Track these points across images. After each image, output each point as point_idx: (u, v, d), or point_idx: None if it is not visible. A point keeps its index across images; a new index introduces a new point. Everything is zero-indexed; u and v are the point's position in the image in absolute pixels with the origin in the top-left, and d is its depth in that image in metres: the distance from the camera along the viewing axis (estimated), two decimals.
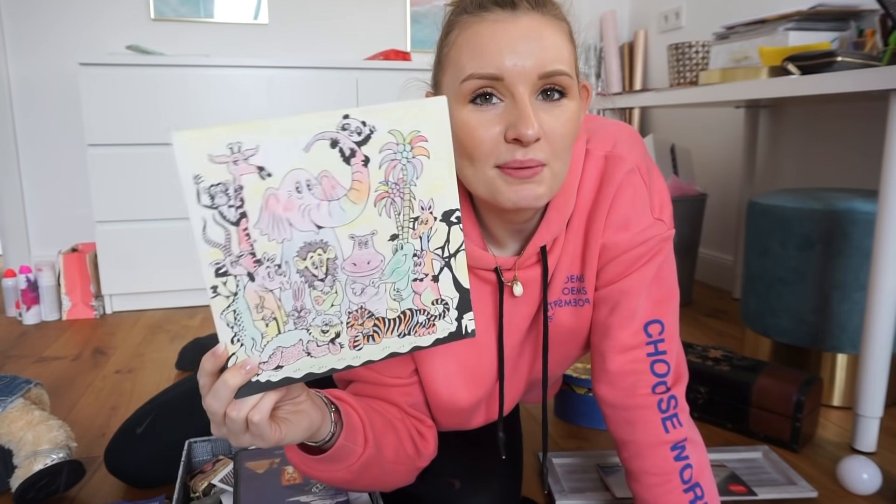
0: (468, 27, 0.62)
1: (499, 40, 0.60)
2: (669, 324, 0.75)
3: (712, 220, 2.38)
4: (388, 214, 0.51)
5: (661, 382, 0.74)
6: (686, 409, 0.76)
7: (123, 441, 1.00)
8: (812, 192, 1.43)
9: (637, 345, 0.74)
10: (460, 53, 0.62)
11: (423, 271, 0.53)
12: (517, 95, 0.60)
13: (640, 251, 0.72)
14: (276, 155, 0.46)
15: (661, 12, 2.61)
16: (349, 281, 0.51)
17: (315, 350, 0.52)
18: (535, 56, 0.59)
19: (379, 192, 0.50)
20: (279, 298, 0.50)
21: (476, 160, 0.62)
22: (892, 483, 1.04)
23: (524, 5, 0.61)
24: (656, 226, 0.72)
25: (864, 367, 1.11)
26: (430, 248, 0.53)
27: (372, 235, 0.51)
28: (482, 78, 0.60)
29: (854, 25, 1.53)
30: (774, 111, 2.05)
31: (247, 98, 2.04)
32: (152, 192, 2.01)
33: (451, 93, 0.63)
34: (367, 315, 0.52)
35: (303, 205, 0.48)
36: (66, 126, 2.40)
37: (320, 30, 2.58)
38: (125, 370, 1.56)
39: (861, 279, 1.28)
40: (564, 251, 0.75)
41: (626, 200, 0.71)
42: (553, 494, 0.96)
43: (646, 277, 0.73)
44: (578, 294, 0.77)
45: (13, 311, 2.02)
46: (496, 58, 0.59)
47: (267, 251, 0.48)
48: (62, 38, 2.35)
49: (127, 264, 2.03)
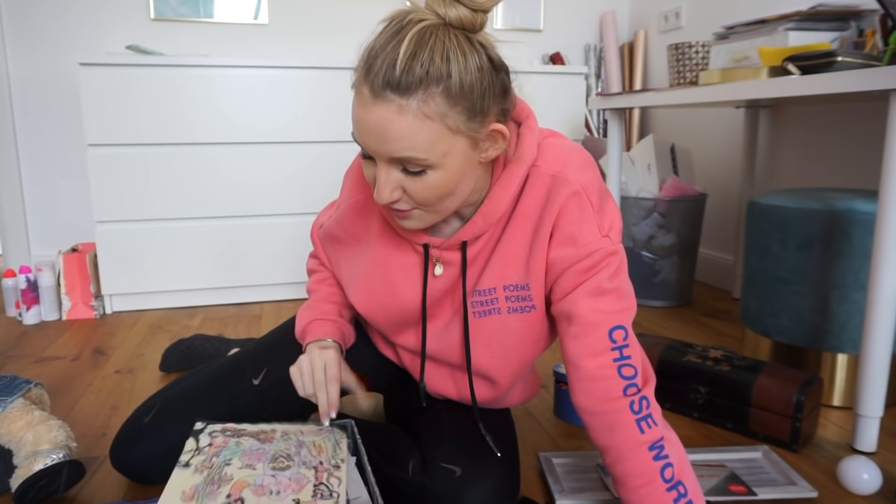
0: (355, 92, 0.70)
1: (359, 122, 0.69)
2: (630, 330, 0.79)
3: (712, 220, 2.39)
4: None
5: (632, 384, 0.78)
6: (658, 409, 0.79)
7: (129, 436, 1.00)
8: (812, 192, 1.43)
9: (603, 350, 0.78)
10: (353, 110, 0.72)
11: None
12: (378, 165, 0.72)
13: (586, 263, 0.78)
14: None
15: (661, 12, 2.61)
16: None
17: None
18: (382, 145, 0.68)
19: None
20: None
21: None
22: (892, 483, 1.04)
23: (382, 88, 0.66)
24: (601, 241, 0.78)
25: (864, 367, 1.11)
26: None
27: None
28: (360, 144, 0.72)
29: (854, 25, 1.53)
30: (774, 111, 2.05)
31: (247, 98, 2.04)
32: (152, 192, 2.01)
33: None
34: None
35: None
36: (66, 126, 2.40)
37: (320, 30, 2.58)
38: (125, 370, 1.56)
39: (861, 279, 1.28)
40: (500, 255, 0.83)
41: (571, 219, 0.78)
42: (553, 494, 0.96)
43: (598, 287, 0.78)
44: (523, 301, 0.84)
45: (13, 311, 2.02)
46: (358, 135, 0.71)
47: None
48: (62, 38, 2.35)
49: (127, 264, 2.03)
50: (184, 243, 2.07)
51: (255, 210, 2.12)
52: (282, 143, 2.10)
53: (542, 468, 1.04)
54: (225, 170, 2.06)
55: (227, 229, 2.10)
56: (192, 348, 1.53)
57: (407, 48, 0.65)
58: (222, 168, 2.06)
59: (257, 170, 2.09)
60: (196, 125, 2.01)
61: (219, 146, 2.05)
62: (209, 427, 0.93)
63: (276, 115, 2.07)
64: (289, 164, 2.12)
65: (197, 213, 2.06)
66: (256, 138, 2.07)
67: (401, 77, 0.65)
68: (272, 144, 2.10)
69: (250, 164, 2.08)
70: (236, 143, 2.07)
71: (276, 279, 2.18)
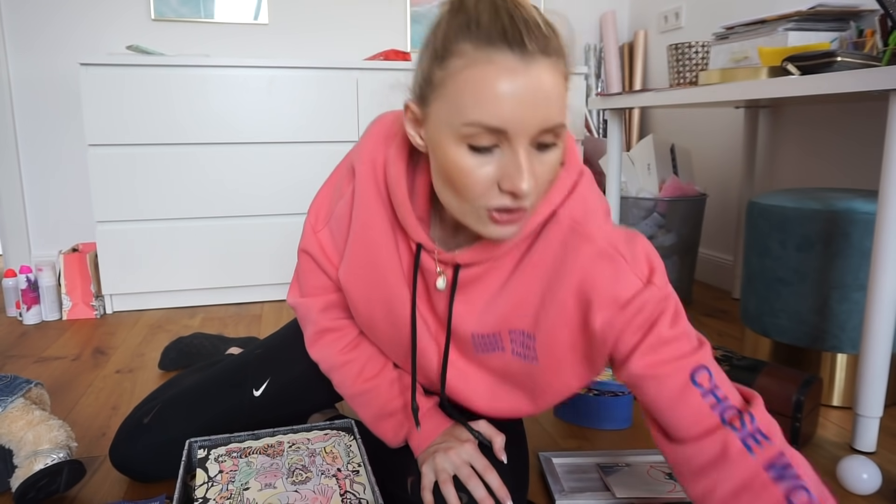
0: (474, 67, 0.59)
1: (509, 94, 0.58)
2: (714, 368, 0.70)
3: (712, 220, 2.39)
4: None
5: (728, 408, 0.69)
6: (773, 425, 0.68)
7: (129, 436, 1.00)
8: (812, 192, 1.43)
9: (695, 405, 0.68)
10: (462, 93, 0.60)
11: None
12: (517, 148, 0.60)
13: (639, 320, 0.69)
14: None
15: (661, 12, 2.61)
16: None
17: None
18: (541, 112, 0.59)
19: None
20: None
21: (464, 199, 0.64)
22: (892, 483, 1.04)
23: (534, 48, 0.58)
24: (648, 290, 0.69)
25: (864, 367, 1.11)
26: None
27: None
28: (485, 129, 0.59)
29: (854, 25, 1.53)
30: (774, 111, 2.05)
31: (247, 98, 2.04)
32: (152, 192, 2.01)
33: (444, 125, 0.63)
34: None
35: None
36: (66, 126, 2.40)
37: (320, 30, 2.58)
38: (125, 370, 1.56)
39: (861, 279, 1.28)
40: (507, 299, 0.76)
41: (606, 280, 0.70)
42: (553, 494, 0.96)
43: (660, 340, 0.69)
44: (526, 350, 0.77)
45: (13, 311, 2.02)
46: (503, 112, 0.58)
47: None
48: (62, 39, 2.35)
49: (127, 264, 2.03)
50: (184, 243, 2.07)
51: (255, 210, 2.12)
52: (282, 143, 2.10)
53: (542, 468, 1.04)
54: (225, 170, 2.07)
55: (228, 229, 2.10)
56: (192, 346, 1.54)
57: (531, 10, 0.60)
58: (223, 168, 2.06)
59: (257, 170, 2.09)
60: (196, 125, 2.01)
61: (219, 146, 2.05)
62: (213, 452, 0.92)
63: (276, 115, 2.07)
64: (289, 164, 2.12)
65: (197, 212, 2.06)
66: (256, 138, 2.07)
67: (547, 36, 0.59)
68: (272, 144, 2.10)
69: (250, 164, 2.09)
70: (236, 143, 2.07)
71: (276, 279, 2.18)
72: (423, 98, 0.66)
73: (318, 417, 1.15)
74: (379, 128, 0.81)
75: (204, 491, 0.82)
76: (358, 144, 0.83)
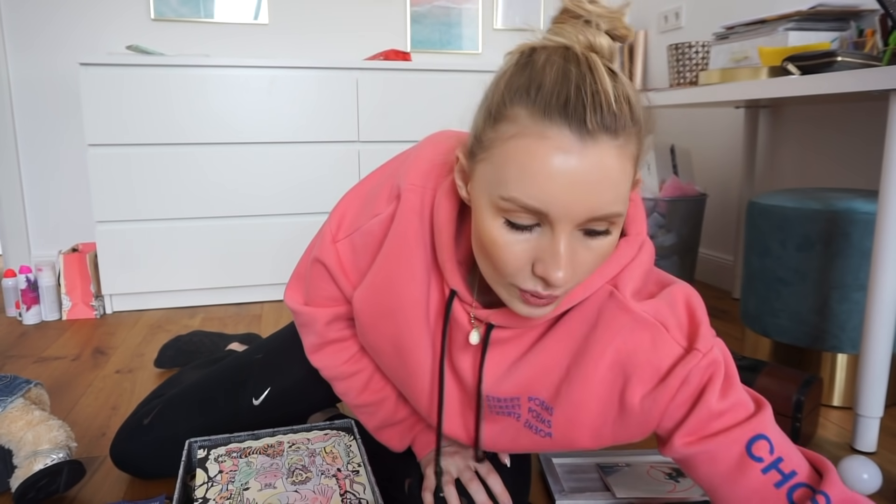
0: (524, 138, 0.53)
1: (554, 175, 0.52)
2: (774, 434, 0.63)
3: (712, 220, 2.38)
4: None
5: (796, 486, 0.62)
6: (851, 498, 0.61)
7: (129, 436, 1.00)
8: (812, 192, 1.43)
9: (755, 480, 0.62)
10: (507, 164, 0.54)
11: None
12: (558, 234, 0.54)
13: (686, 393, 0.63)
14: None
15: (661, 12, 2.61)
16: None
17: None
18: (592, 199, 0.53)
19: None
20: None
21: (497, 272, 0.60)
22: (892, 483, 1.04)
23: (595, 127, 0.52)
24: (691, 357, 0.62)
25: (864, 367, 1.11)
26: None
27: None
28: (523, 207, 0.54)
29: (854, 25, 1.53)
30: (774, 111, 2.05)
31: (247, 98, 2.04)
32: (152, 192, 2.01)
33: (485, 191, 0.58)
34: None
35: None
36: (66, 126, 2.40)
37: (320, 30, 2.58)
38: (125, 370, 1.56)
39: (861, 279, 1.28)
40: (530, 364, 0.70)
41: (645, 350, 0.64)
42: (553, 494, 0.96)
43: (710, 413, 0.63)
44: (540, 423, 0.72)
45: (13, 311, 2.02)
46: (546, 193, 0.52)
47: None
48: (62, 39, 2.35)
49: (127, 264, 2.03)
50: (184, 243, 2.07)
51: (255, 210, 2.12)
52: (282, 143, 2.10)
53: (542, 468, 1.04)
54: (225, 170, 2.06)
55: (228, 229, 2.10)
56: (190, 344, 1.53)
57: (605, 80, 0.52)
58: (222, 168, 2.06)
59: (257, 170, 2.09)
60: (196, 125, 2.01)
61: (219, 146, 2.05)
62: (213, 452, 0.92)
63: (276, 115, 2.07)
64: (289, 164, 2.12)
65: (197, 212, 2.06)
66: (256, 138, 2.07)
67: (616, 113, 0.52)
68: (272, 144, 2.10)
69: (250, 165, 2.08)
70: (236, 143, 2.06)
71: (276, 279, 2.18)
72: (472, 154, 0.61)
73: (318, 417, 1.15)
74: (434, 153, 0.73)
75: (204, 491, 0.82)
76: (408, 163, 0.74)
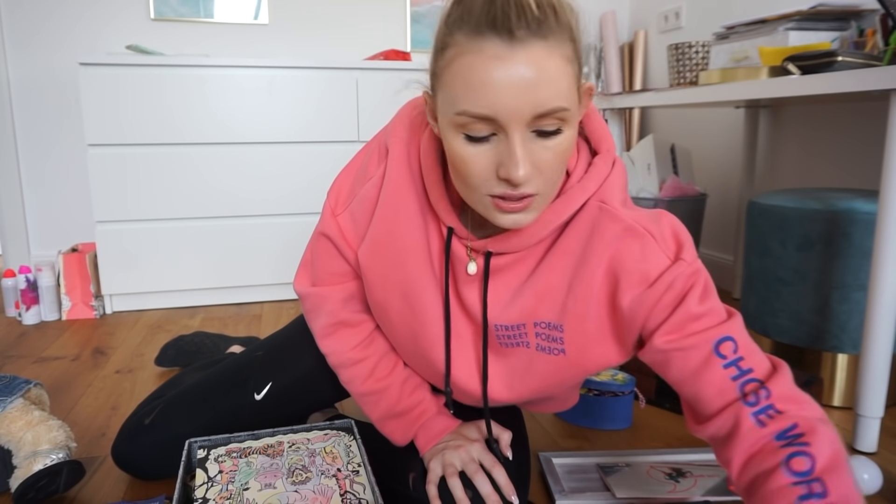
0: (463, 55, 0.59)
1: (493, 81, 0.57)
2: (741, 338, 0.68)
3: (712, 220, 2.38)
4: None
5: (749, 381, 0.67)
6: (798, 399, 0.66)
7: (130, 435, 1.00)
8: (812, 192, 1.43)
9: (716, 374, 0.67)
10: (454, 82, 0.61)
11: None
12: (510, 135, 0.59)
13: (669, 297, 0.69)
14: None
15: (661, 12, 2.61)
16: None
17: None
18: (531, 97, 0.58)
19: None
20: None
21: (469, 187, 0.65)
22: (892, 483, 1.04)
23: (523, 33, 0.57)
24: (677, 267, 0.68)
25: (865, 367, 1.11)
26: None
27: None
28: (474, 117, 0.60)
29: (854, 25, 1.53)
30: (774, 111, 2.05)
31: (246, 98, 2.04)
32: (152, 192, 2.01)
33: (444, 116, 0.64)
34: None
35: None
36: (66, 126, 2.40)
37: (320, 30, 2.58)
38: (125, 370, 1.56)
39: (861, 279, 1.28)
40: (532, 289, 0.75)
41: (634, 257, 0.70)
42: (553, 494, 0.96)
43: (688, 315, 0.68)
44: (553, 342, 0.76)
45: (13, 311, 2.02)
46: (489, 98, 0.58)
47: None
48: (62, 38, 2.35)
49: (127, 264, 2.03)
50: (184, 243, 2.07)
51: (255, 210, 2.11)
52: (282, 143, 2.10)
53: (542, 468, 1.04)
54: (225, 169, 2.06)
55: (227, 229, 2.10)
56: (192, 344, 1.53)
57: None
58: (222, 168, 2.06)
59: (258, 170, 2.09)
60: (196, 125, 2.01)
61: (219, 146, 2.05)
62: (212, 452, 0.92)
63: (276, 115, 2.07)
64: (289, 164, 2.12)
65: (197, 212, 2.06)
66: (256, 138, 2.07)
67: (540, 18, 0.57)
68: (272, 144, 2.10)
69: (251, 165, 2.08)
70: (236, 143, 2.06)
71: (276, 279, 2.18)
72: (433, 89, 0.67)
73: (318, 417, 1.15)
74: (412, 111, 0.80)
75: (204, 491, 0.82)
76: (389, 126, 0.80)
